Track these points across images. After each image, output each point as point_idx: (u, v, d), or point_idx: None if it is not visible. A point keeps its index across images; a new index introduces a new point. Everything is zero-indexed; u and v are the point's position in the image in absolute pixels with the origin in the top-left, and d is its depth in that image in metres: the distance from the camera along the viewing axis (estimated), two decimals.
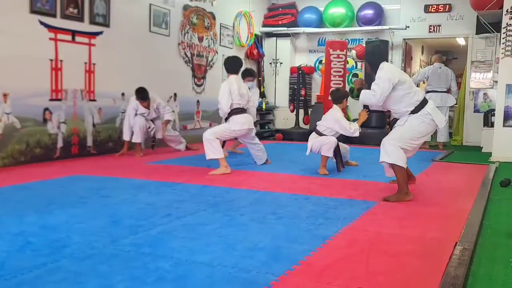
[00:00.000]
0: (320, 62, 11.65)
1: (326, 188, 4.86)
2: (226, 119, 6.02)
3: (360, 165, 6.50)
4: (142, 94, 7.11)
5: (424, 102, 4.43)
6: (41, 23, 6.19)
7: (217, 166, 5.69)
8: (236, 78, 6.12)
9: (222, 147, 6.06)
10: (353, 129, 5.84)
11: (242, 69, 6.68)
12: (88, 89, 6.95)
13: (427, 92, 9.22)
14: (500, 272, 2.62)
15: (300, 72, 10.96)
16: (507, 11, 7.66)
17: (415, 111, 4.39)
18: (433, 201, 4.35)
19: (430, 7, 10.63)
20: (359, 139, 9.18)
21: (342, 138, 6.23)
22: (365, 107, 6.17)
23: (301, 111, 10.99)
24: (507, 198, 4.64)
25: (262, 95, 11.58)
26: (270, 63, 11.94)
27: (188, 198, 4.26)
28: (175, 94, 8.73)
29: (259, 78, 11.65)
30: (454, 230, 3.32)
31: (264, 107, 11.10)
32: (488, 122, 9.13)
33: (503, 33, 7.71)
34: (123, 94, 7.55)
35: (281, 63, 11.89)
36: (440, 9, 10.56)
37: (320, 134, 6.00)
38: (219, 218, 3.54)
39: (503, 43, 7.70)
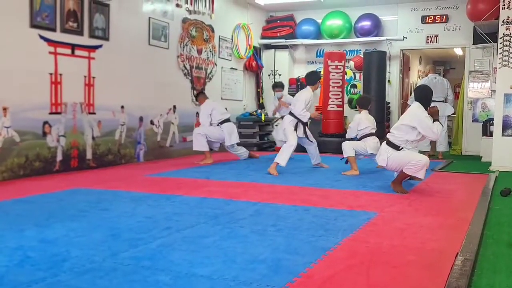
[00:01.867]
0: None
1: (326, 199, 4.85)
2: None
3: (359, 175, 6.51)
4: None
5: None
6: (41, 37, 6.22)
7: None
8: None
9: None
10: None
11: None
12: (88, 102, 6.97)
13: None
14: (502, 283, 2.60)
15: (299, 83, 10.98)
16: (503, 21, 7.71)
17: None
18: (433, 211, 4.34)
19: (427, 17, 10.69)
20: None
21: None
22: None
23: None
24: (507, 208, 4.63)
25: (261, 106, 11.61)
26: (269, 75, 11.97)
27: (188, 210, 4.25)
28: (174, 106, 8.75)
29: (258, 90, 11.68)
30: (455, 240, 3.31)
31: (263, 118, 11.11)
32: (487, 131, 9.14)
33: (500, 43, 7.75)
34: (122, 107, 7.56)
35: (279, 74, 11.92)
36: (437, 20, 10.62)
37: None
38: (219, 230, 3.53)
39: (500, 53, 7.74)
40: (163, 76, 8.47)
